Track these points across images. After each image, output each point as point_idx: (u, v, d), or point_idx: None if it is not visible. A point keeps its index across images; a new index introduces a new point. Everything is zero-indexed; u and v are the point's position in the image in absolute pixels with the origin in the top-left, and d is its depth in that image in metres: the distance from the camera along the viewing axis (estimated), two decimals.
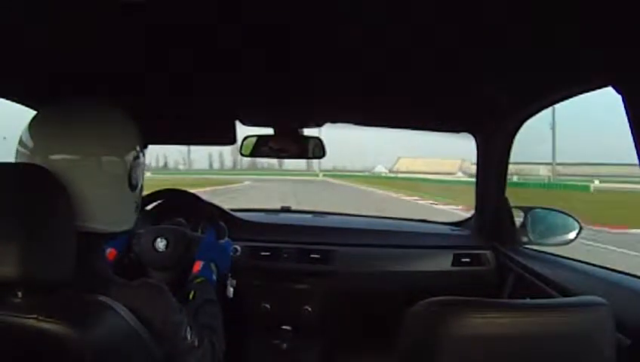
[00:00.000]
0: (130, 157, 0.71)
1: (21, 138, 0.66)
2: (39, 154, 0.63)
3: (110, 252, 1.07)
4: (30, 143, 0.65)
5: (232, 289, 1.20)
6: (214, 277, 1.03)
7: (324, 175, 41.43)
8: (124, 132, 0.71)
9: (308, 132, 1.54)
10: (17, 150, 0.66)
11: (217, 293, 1.01)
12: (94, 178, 0.66)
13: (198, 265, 1.03)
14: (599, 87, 0.91)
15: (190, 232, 1.19)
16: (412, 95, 1.24)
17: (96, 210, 0.66)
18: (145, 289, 0.70)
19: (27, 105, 1.09)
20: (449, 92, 1.19)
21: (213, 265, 1.04)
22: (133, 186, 0.72)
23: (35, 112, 0.70)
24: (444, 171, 33.17)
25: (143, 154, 0.75)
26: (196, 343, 0.75)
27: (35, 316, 0.54)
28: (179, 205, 1.39)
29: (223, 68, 1.05)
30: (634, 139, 0.79)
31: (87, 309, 0.58)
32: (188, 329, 0.74)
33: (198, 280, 0.99)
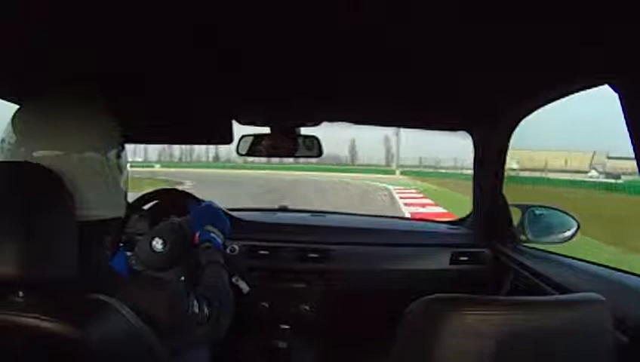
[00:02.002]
0: (115, 144, 0.71)
1: (4, 134, 0.66)
2: (23, 149, 0.63)
3: None
4: (12, 139, 0.64)
5: (245, 286, 1.21)
6: (214, 236, 1.04)
7: (402, 173, 27.46)
8: (107, 121, 0.72)
9: (305, 130, 1.54)
10: (0, 146, 0.65)
11: (231, 292, 1.00)
12: (80, 169, 0.65)
13: (196, 236, 1.05)
14: (596, 85, 0.91)
15: (185, 224, 1.19)
16: (409, 94, 1.24)
17: (85, 199, 0.66)
18: (146, 284, 0.70)
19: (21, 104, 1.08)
20: (446, 91, 1.19)
21: (209, 226, 1.05)
22: (120, 172, 0.73)
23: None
24: (571, 169, 25.26)
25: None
26: (206, 313, 0.76)
27: (36, 315, 0.54)
28: (175, 205, 1.39)
29: (221, 67, 1.04)
30: (631, 136, 0.79)
31: (88, 308, 0.58)
32: (195, 302, 0.74)
33: (203, 246, 1.01)
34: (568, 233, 1.42)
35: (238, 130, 1.46)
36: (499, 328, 0.67)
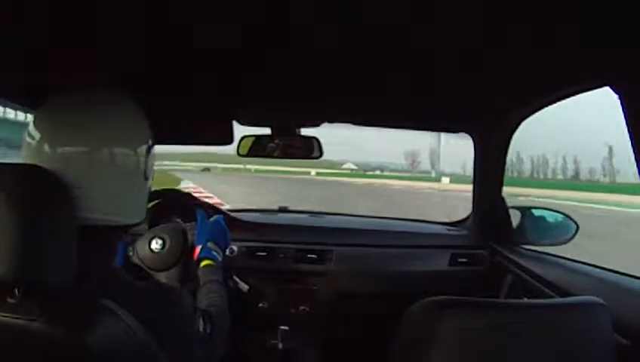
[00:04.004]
0: (144, 146, 0.69)
1: (29, 129, 0.65)
2: (46, 146, 0.62)
3: None
4: (37, 134, 0.64)
5: (244, 286, 1.21)
6: (215, 254, 1.04)
7: None
8: (136, 121, 0.70)
9: (305, 131, 1.54)
10: (25, 141, 0.65)
11: (230, 292, 1.00)
12: (108, 169, 0.64)
13: (196, 250, 1.04)
14: (597, 87, 0.91)
15: (189, 232, 1.19)
16: (410, 95, 1.24)
17: (109, 202, 0.65)
18: (152, 291, 0.69)
19: (26, 109, 1.08)
20: (447, 92, 1.19)
21: (211, 244, 1.05)
22: (146, 176, 0.71)
23: None
24: None
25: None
26: (208, 331, 0.76)
27: (33, 318, 0.54)
28: (176, 205, 1.39)
29: (221, 68, 1.04)
30: (631, 138, 0.80)
31: (87, 312, 0.58)
32: (200, 321, 0.74)
33: (202, 264, 1.00)
34: (567, 235, 1.42)
35: (239, 130, 1.47)
36: (497, 331, 0.67)
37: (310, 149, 1.50)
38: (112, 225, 0.66)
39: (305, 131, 1.53)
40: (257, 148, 1.51)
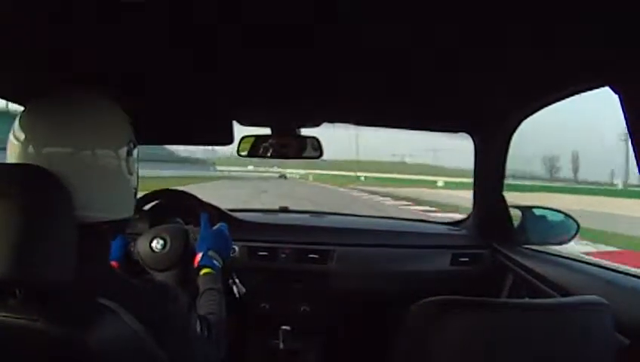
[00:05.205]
0: (125, 143, 0.70)
1: (13, 129, 0.65)
2: (32, 146, 0.63)
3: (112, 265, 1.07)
4: (21, 135, 0.64)
5: (242, 288, 1.21)
6: (216, 263, 1.03)
7: None
8: (118, 120, 0.71)
9: (305, 131, 1.54)
10: (10, 141, 0.65)
11: (228, 294, 1.00)
12: (90, 168, 0.65)
13: (197, 257, 1.04)
14: (597, 87, 0.91)
15: (191, 235, 1.18)
16: (410, 95, 1.24)
17: (94, 199, 0.65)
18: (149, 289, 0.69)
19: (23, 105, 1.08)
20: (447, 92, 1.19)
21: (212, 252, 1.04)
22: (130, 172, 0.72)
23: None
24: None
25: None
26: (205, 334, 0.76)
27: (35, 318, 0.54)
28: (176, 205, 1.39)
29: (221, 68, 1.04)
30: (631, 138, 0.80)
31: (87, 312, 0.58)
32: (197, 322, 0.74)
33: (202, 271, 1.00)
34: (568, 234, 1.42)
35: (239, 130, 1.46)
36: (499, 330, 0.67)
37: (310, 149, 1.51)
38: (102, 222, 0.66)
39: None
40: (258, 149, 1.52)
